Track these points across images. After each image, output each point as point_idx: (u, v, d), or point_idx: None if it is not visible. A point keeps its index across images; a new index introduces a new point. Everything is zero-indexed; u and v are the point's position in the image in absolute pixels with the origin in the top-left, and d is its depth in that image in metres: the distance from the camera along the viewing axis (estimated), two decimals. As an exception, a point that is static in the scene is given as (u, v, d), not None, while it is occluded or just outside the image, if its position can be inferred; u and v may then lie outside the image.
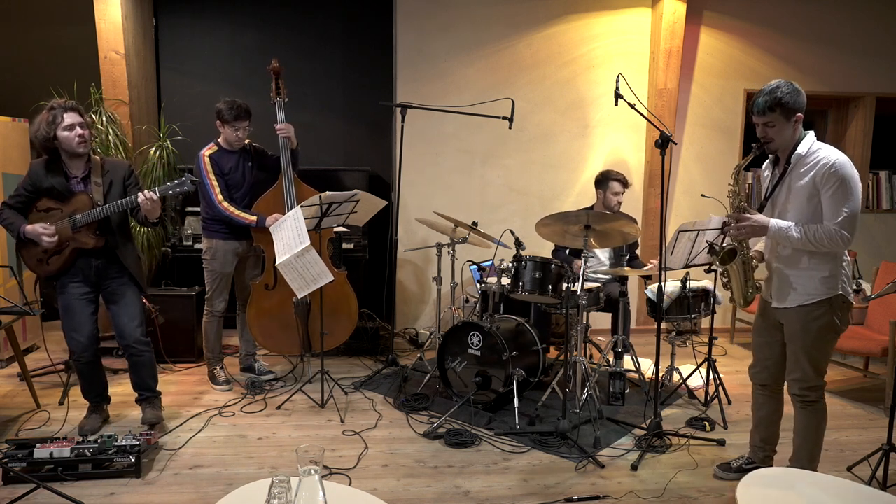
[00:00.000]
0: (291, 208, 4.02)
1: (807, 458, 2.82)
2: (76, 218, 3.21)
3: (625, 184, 4.47)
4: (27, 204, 3.28)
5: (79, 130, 3.20)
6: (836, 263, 2.65)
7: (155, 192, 3.19)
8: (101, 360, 3.52)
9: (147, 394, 3.52)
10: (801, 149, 2.64)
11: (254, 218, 3.98)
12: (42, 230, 3.17)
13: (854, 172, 2.55)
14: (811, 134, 2.67)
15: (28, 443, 3.04)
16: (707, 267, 3.75)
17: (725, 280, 2.87)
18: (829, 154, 2.58)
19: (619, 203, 4.48)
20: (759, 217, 2.66)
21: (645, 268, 4.31)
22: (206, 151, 3.99)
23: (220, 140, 4.04)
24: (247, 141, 4.09)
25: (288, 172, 4.10)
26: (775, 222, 2.63)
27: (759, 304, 2.96)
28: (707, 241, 3.13)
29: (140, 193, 3.17)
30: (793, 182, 2.66)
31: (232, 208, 3.95)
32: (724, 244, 2.81)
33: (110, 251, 3.34)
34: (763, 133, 2.66)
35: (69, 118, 3.18)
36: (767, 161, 2.88)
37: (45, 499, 2.79)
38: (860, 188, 2.57)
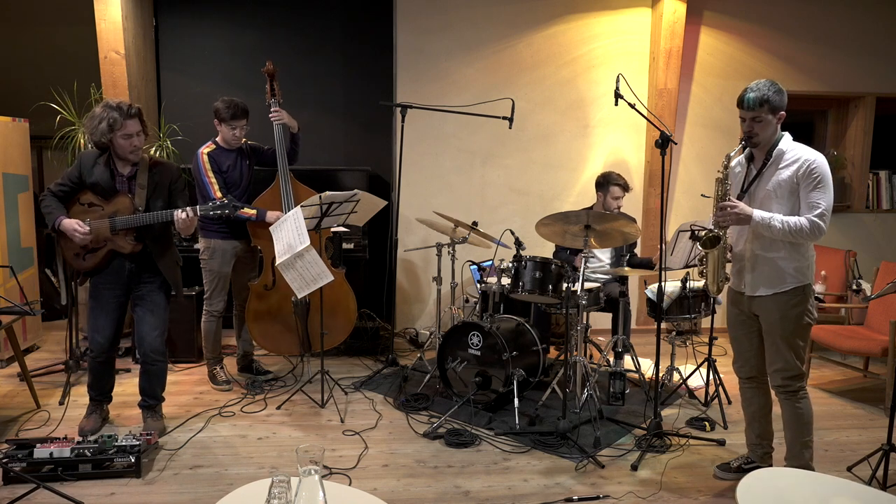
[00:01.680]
0: (289, 208, 4.03)
1: (800, 448, 2.86)
2: (116, 220, 3.21)
3: (625, 188, 4.46)
4: (70, 194, 3.28)
5: (135, 141, 3.20)
6: (808, 254, 2.79)
7: (195, 210, 3.19)
8: (115, 362, 3.55)
9: (151, 401, 3.51)
10: (783, 145, 2.77)
11: (254, 212, 3.98)
12: (78, 227, 3.16)
13: (829, 172, 2.72)
14: (788, 134, 2.81)
15: (28, 443, 3.04)
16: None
17: (702, 266, 2.94)
18: (809, 152, 2.74)
19: (619, 207, 4.47)
20: (744, 207, 2.76)
21: (650, 263, 4.33)
22: (205, 150, 3.99)
23: (217, 139, 4.04)
24: (243, 140, 4.09)
25: (284, 172, 4.10)
26: (759, 213, 2.74)
27: (730, 296, 3.02)
28: (691, 227, 3.17)
29: (177, 211, 3.17)
30: (772, 176, 2.77)
31: None
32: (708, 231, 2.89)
33: (147, 256, 3.33)
34: (750, 128, 2.76)
35: (130, 126, 3.16)
36: (739, 158, 2.96)
37: (45, 499, 2.79)
38: (832, 187, 2.74)
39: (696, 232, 2.94)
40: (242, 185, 4.08)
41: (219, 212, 3.25)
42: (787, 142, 2.78)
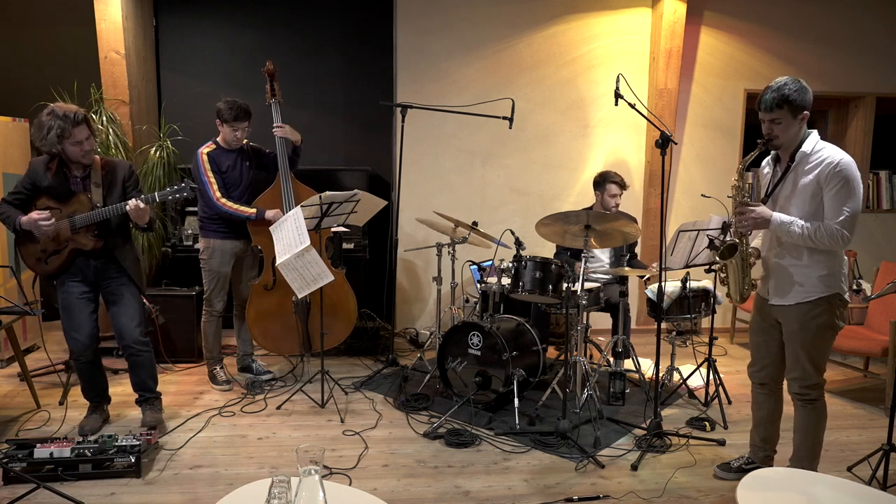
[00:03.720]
0: (289, 207, 4.03)
1: (807, 456, 2.83)
2: (75, 219, 3.21)
3: (622, 186, 4.46)
4: (26, 202, 3.27)
5: (85, 146, 3.20)
6: (835, 262, 2.66)
7: (147, 198, 3.19)
8: (102, 360, 3.52)
9: (147, 395, 3.52)
10: (807, 147, 2.64)
11: (253, 211, 3.98)
12: (38, 216, 3.14)
13: (857, 174, 2.57)
14: (815, 133, 2.68)
15: (28, 443, 3.04)
16: (707, 267, 3.75)
17: (723, 276, 2.87)
18: (834, 153, 2.59)
19: (617, 205, 4.47)
20: (763, 209, 2.67)
21: (646, 269, 4.32)
22: (205, 150, 4.00)
23: (218, 139, 4.05)
24: (244, 141, 4.09)
25: (285, 172, 4.10)
26: (778, 216, 2.64)
27: (756, 302, 2.96)
28: (707, 236, 3.13)
29: (129, 202, 3.18)
30: (796, 179, 2.66)
31: (230, 203, 3.96)
32: (726, 239, 2.82)
33: (109, 252, 3.34)
34: (769, 130, 2.65)
35: (78, 133, 3.15)
36: (767, 159, 2.88)
37: (46, 499, 2.79)
38: (862, 189, 2.58)
39: (714, 241, 2.88)
40: (242, 186, 4.08)
41: (177, 195, 3.25)
42: (811, 142, 2.63)
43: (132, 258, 3.44)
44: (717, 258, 2.82)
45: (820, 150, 2.63)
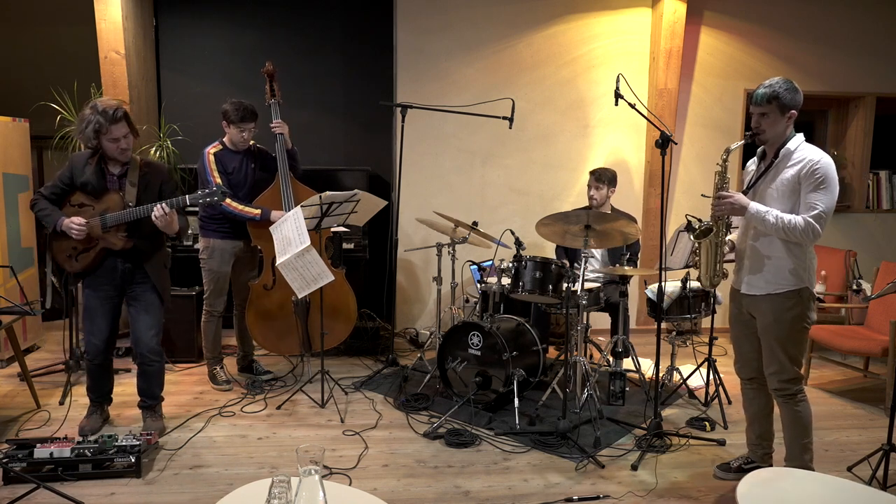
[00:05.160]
0: (289, 208, 4.03)
1: (800, 451, 2.85)
2: (106, 217, 3.21)
3: (600, 179, 4.42)
4: (62, 196, 3.28)
5: (122, 143, 3.20)
6: (806, 257, 2.77)
7: (175, 202, 3.17)
8: (113, 364, 3.54)
9: (150, 401, 3.51)
10: (791, 145, 2.76)
11: (258, 211, 3.98)
12: (76, 224, 3.15)
13: (835, 175, 2.69)
14: (801, 135, 2.80)
15: (28, 443, 3.04)
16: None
17: (697, 259, 2.96)
18: (815, 153, 2.71)
19: (596, 199, 4.44)
20: (740, 197, 2.77)
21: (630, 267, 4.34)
22: (212, 150, 4.00)
23: (224, 140, 4.05)
24: (251, 142, 4.09)
25: (284, 172, 4.10)
26: (754, 205, 2.74)
27: (731, 294, 3.03)
28: (687, 217, 3.19)
29: (156, 206, 3.15)
30: (777, 175, 2.77)
31: (235, 203, 3.96)
32: (702, 221, 2.94)
33: (138, 255, 3.32)
34: (757, 123, 2.77)
35: (116, 130, 3.15)
36: (753, 158, 2.97)
37: (46, 499, 2.80)
38: (837, 190, 2.71)
39: (691, 223, 2.96)
40: (247, 187, 4.08)
41: (209, 199, 3.23)
42: (796, 142, 2.76)
43: (159, 265, 3.42)
44: (692, 237, 2.93)
45: (803, 149, 2.75)
